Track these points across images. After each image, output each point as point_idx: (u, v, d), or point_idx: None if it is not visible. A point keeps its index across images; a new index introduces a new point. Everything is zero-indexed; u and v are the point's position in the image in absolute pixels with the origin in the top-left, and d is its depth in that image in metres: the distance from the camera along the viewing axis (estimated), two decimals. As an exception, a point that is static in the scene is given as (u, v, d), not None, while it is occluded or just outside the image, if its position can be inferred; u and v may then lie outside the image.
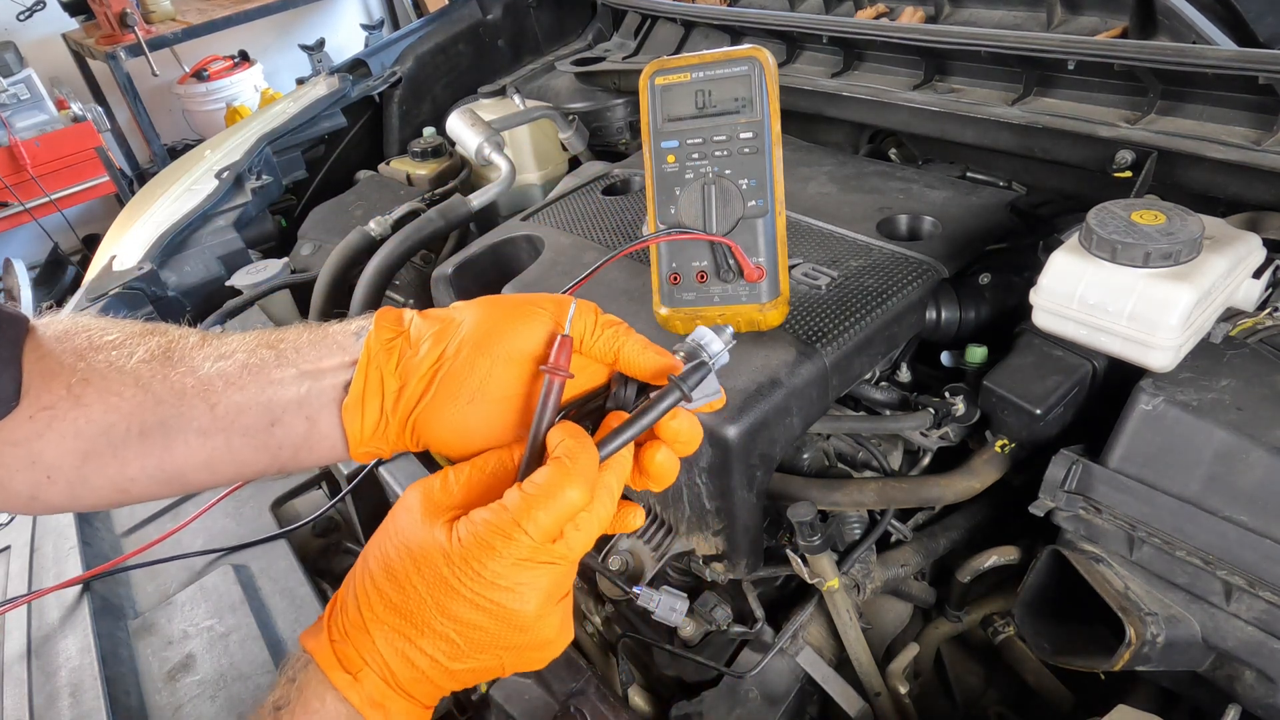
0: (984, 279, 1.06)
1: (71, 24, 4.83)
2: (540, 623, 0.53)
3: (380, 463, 1.12)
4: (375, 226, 1.62)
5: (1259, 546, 0.72)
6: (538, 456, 0.55)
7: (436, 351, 0.59)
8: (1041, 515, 0.86)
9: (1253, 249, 0.84)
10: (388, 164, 2.06)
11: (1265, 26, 1.20)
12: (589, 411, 0.61)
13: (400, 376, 0.59)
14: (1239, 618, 0.75)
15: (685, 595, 0.74)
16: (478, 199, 1.58)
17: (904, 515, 1.03)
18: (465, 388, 0.58)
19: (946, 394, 0.99)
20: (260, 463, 0.61)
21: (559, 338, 0.58)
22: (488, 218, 1.71)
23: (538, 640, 0.54)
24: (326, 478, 1.23)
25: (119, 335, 0.62)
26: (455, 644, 0.52)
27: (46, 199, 4.20)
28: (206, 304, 1.69)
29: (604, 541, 0.95)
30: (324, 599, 1.03)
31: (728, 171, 0.88)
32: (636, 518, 0.62)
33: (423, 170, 1.95)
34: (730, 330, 0.62)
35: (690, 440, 0.59)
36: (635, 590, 0.77)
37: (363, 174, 2.09)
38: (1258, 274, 0.85)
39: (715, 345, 0.60)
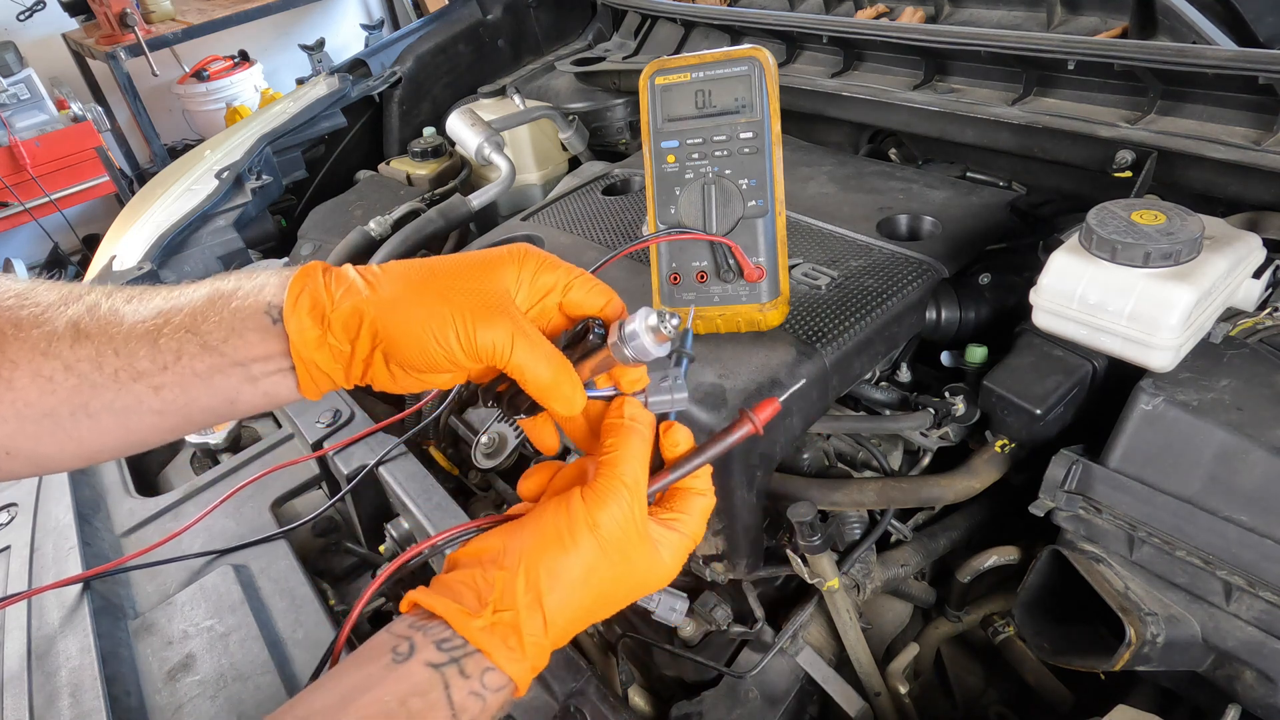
0: (984, 279, 1.06)
1: (71, 24, 4.84)
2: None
3: (380, 462, 1.12)
4: (375, 226, 1.62)
5: (1259, 546, 0.72)
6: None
7: (366, 350, 0.63)
8: (1041, 515, 0.86)
9: (1253, 249, 0.84)
10: (388, 164, 2.06)
11: (1265, 26, 1.20)
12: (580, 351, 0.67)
13: (341, 366, 0.64)
14: (1239, 618, 0.75)
15: (685, 595, 0.74)
16: (478, 199, 1.58)
17: (904, 515, 1.03)
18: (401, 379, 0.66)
19: (946, 394, 0.99)
20: (220, 423, 0.71)
21: (775, 404, 0.65)
22: (488, 218, 1.72)
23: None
24: (326, 478, 1.23)
25: (33, 309, 0.61)
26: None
27: (46, 199, 4.20)
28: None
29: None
30: (324, 599, 1.03)
31: (728, 171, 0.88)
32: None
33: (423, 170, 1.95)
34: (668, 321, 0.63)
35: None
36: None
37: (363, 174, 2.09)
38: (1258, 274, 0.85)
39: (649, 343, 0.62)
